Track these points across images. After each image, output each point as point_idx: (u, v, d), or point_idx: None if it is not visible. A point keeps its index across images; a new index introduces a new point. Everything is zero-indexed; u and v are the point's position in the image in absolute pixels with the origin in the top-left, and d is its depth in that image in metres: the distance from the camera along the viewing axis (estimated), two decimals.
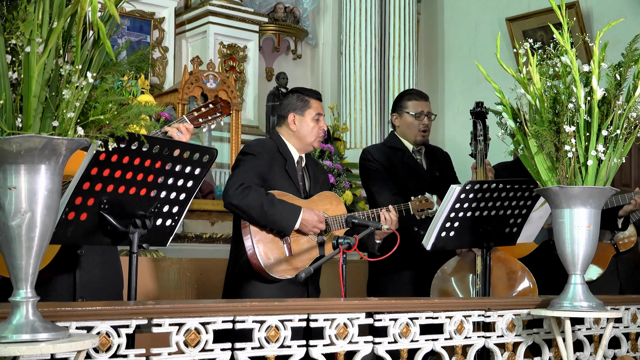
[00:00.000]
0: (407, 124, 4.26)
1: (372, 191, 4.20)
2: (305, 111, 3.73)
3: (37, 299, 1.91)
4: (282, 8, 7.45)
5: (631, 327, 3.39)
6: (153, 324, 2.31)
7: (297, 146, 3.75)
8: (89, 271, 2.96)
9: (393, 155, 4.25)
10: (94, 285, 2.96)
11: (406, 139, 4.28)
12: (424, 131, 4.24)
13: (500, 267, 3.90)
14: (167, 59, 6.55)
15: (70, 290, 2.92)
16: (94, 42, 1.95)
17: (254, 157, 3.60)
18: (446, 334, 2.88)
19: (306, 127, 3.72)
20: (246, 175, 3.52)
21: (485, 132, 4.02)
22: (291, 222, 3.50)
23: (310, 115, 3.73)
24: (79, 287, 2.93)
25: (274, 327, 2.51)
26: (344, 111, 7.39)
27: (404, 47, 7.67)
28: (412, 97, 4.30)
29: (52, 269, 2.82)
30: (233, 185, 3.47)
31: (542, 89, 2.81)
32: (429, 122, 4.27)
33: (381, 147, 4.42)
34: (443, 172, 4.29)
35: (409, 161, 4.25)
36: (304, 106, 3.73)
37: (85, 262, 2.96)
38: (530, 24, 7.35)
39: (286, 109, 3.76)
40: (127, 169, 2.62)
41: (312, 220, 3.53)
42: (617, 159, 2.77)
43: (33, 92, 1.81)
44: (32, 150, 1.81)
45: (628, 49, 2.76)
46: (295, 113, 3.73)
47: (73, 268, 2.93)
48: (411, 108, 4.25)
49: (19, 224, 1.84)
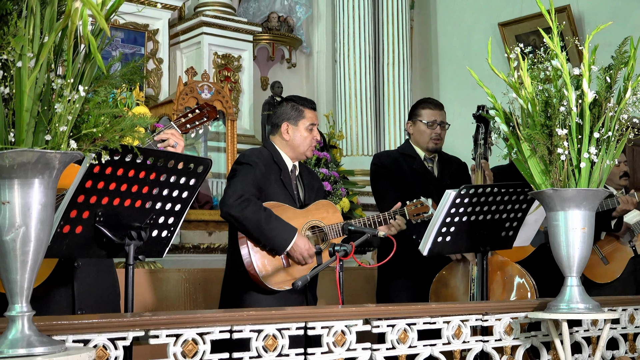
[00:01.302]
0: (420, 132, 4.36)
1: (378, 195, 4.27)
2: (299, 121, 3.73)
3: (32, 313, 1.91)
4: (275, 17, 7.47)
5: (629, 328, 3.39)
6: (150, 335, 2.31)
7: (290, 155, 3.75)
8: (87, 283, 2.95)
9: (403, 161, 4.35)
10: (92, 297, 2.95)
11: (419, 147, 4.39)
12: (436, 139, 4.31)
13: (499, 272, 3.91)
14: (162, 70, 6.57)
15: (70, 302, 2.92)
16: (85, 56, 1.96)
17: (250, 167, 3.59)
18: (444, 339, 2.88)
19: (299, 137, 3.72)
20: (244, 186, 3.52)
21: (486, 135, 4.07)
22: (285, 242, 3.50)
23: (304, 125, 3.73)
24: (77, 299, 2.93)
25: (271, 336, 2.51)
26: (339, 119, 7.41)
27: (398, 53, 7.70)
28: (426, 106, 4.40)
29: (50, 283, 2.82)
30: (232, 196, 3.47)
31: (533, 92, 2.82)
32: (441, 131, 4.36)
33: (393, 152, 4.59)
34: (455, 180, 4.30)
35: (419, 168, 4.33)
36: (298, 116, 3.73)
37: (82, 274, 2.95)
38: (523, 28, 7.38)
39: (280, 118, 3.76)
40: (122, 181, 2.62)
41: (304, 248, 3.53)
42: (610, 161, 2.79)
43: (25, 107, 1.81)
44: (25, 165, 1.81)
45: (618, 52, 2.77)
46: (289, 122, 3.73)
47: (70, 281, 2.93)
48: (425, 117, 4.35)
49: (13, 238, 1.84)
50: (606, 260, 4.92)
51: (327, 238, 3.62)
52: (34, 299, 2.75)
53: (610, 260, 4.93)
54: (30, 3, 1.82)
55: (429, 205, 3.76)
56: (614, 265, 4.93)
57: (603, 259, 4.91)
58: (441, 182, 4.28)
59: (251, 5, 7.56)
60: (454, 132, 4.57)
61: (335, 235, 3.63)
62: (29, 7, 1.82)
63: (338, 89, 7.54)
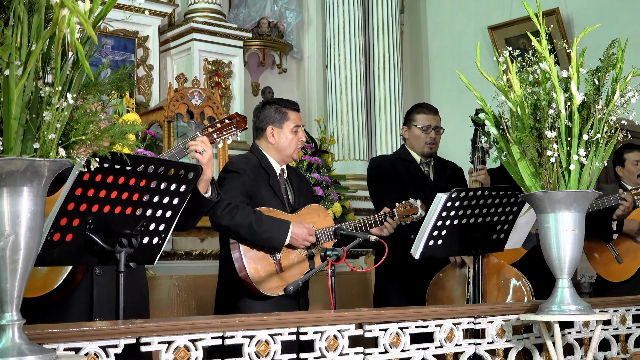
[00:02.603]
0: (415, 137, 4.40)
1: (375, 198, 4.33)
2: (283, 124, 3.72)
3: (22, 322, 1.90)
4: (266, 23, 7.48)
5: (620, 329, 3.40)
6: (142, 342, 2.30)
7: (277, 158, 3.74)
8: (107, 291, 2.93)
9: (399, 165, 4.39)
10: (111, 305, 2.91)
11: (414, 151, 4.43)
12: (431, 144, 4.35)
13: (496, 275, 3.91)
14: (153, 76, 6.56)
15: (87, 310, 2.92)
16: (73, 63, 1.95)
17: (238, 175, 3.58)
18: (437, 342, 2.88)
19: (285, 139, 3.71)
20: (232, 194, 3.50)
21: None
22: (281, 237, 3.49)
23: (288, 127, 3.72)
24: (96, 308, 2.92)
25: (263, 342, 2.51)
26: (330, 123, 7.42)
27: (389, 58, 7.72)
28: (421, 111, 4.44)
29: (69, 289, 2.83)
30: (220, 206, 3.43)
31: (522, 95, 2.84)
32: (436, 135, 4.41)
33: (389, 156, 4.67)
34: (451, 184, 4.31)
35: (415, 171, 4.37)
36: (282, 118, 3.72)
37: (102, 282, 2.95)
38: (513, 31, 7.41)
39: (264, 122, 3.74)
40: (112, 188, 2.61)
41: (302, 233, 3.53)
42: (599, 163, 2.80)
43: (13, 115, 1.81)
44: (14, 173, 1.81)
45: (605, 54, 2.79)
46: (273, 126, 3.72)
47: (90, 289, 2.93)
48: (419, 121, 4.39)
49: (2, 246, 1.83)
50: (620, 259, 4.93)
51: (318, 242, 3.62)
52: (52, 304, 2.78)
53: (624, 259, 4.94)
54: (17, 11, 1.81)
55: (418, 207, 3.77)
56: (627, 263, 4.93)
57: (617, 257, 4.91)
58: (437, 186, 4.29)
59: (241, 11, 7.56)
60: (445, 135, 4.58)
61: (327, 239, 3.63)
62: (16, 15, 1.82)
63: (329, 94, 7.54)
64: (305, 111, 7.79)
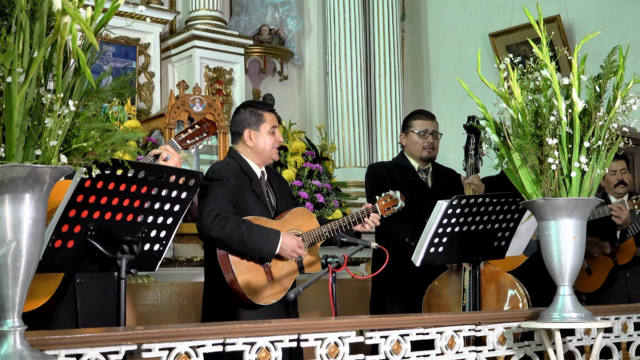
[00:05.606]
0: (412, 142, 4.42)
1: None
2: (260, 125, 3.72)
3: (24, 328, 1.90)
4: (267, 30, 7.49)
5: (622, 337, 3.39)
6: (143, 349, 2.30)
7: (256, 161, 3.74)
8: (89, 299, 2.95)
9: (397, 172, 4.41)
10: (95, 312, 2.95)
11: (413, 157, 4.45)
12: (429, 148, 4.38)
13: (493, 282, 3.91)
14: (154, 84, 6.57)
15: (73, 318, 2.92)
16: (75, 70, 1.96)
17: (221, 183, 3.56)
18: (437, 350, 2.88)
19: (263, 141, 3.71)
20: (219, 204, 3.48)
21: (477, 146, 4.10)
22: (272, 248, 3.50)
23: (265, 129, 3.72)
24: (80, 315, 2.93)
25: (264, 349, 2.50)
26: (331, 130, 7.42)
27: (390, 65, 7.72)
28: (418, 117, 4.48)
29: (52, 300, 2.82)
30: (208, 218, 3.43)
31: (523, 102, 2.84)
32: (434, 140, 4.42)
33: (387, 163, 4.72)
34: (449, 191, 4.31)
35: (412, 178, 4.39)
36: (258, 121, 3.72)
37: (84, 290, 2.95)
38: (514, 38, 7.41)
39: (241, 126, 3.74)
40: (113, 195, 2.62)
41: (292, 244, 3.53)
42: (600, 170, 2.80)
43: (15, 122, 1.81)
44: (15, 180, 1.82)
45: (607, 61, 2.79)
46: (250, 129, 3.72)
47: (73, 297, 2.93)
48: (416, 127, 4.42)
49: (4, 253, 1.84)
50: (590, 271, 4.95)
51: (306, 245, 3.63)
52: (38, 317, 2.77)
53: (593, 271, 4.96)
54: (19, 18, 1.82)
55: (398, 197, 3.79)
56: (595, 275, 4.96)
57: (588, 269, 4.94)
58: (435, 193, 4.30)
59: (242, 18, 7.57)
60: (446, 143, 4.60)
61: (314, 241, 3.64)
62: (18, 22, 1.83)
63: (330, 101, 7.55)
64: (306, 118, 7.80)
